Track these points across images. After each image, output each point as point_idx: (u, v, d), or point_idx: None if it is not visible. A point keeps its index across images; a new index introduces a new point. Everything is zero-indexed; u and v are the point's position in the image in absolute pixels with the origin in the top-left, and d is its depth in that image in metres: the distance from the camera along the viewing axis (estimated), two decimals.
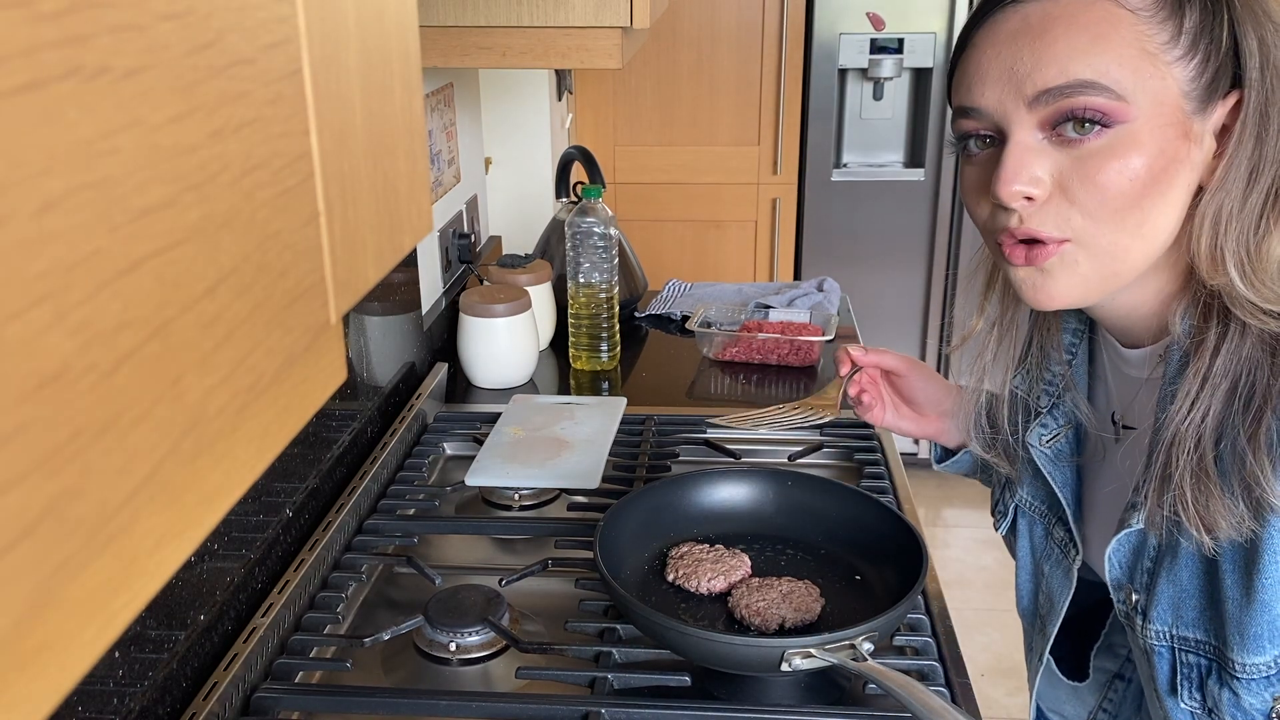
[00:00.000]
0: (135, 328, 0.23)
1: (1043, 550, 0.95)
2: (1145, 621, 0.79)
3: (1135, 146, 0.69)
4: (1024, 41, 0.71)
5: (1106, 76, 0.69)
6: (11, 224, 0.18)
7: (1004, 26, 0.72)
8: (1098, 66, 0.69)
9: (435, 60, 1.19)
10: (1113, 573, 0.82)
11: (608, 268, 1.59)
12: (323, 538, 1.09)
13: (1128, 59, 0.69)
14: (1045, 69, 0.70)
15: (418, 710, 0.90)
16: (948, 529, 3.00)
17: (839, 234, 3.03)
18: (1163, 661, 0.79)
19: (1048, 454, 0.91)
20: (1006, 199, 0.72)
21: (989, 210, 0.77)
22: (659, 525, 1.08)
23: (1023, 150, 0.72)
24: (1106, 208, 0.71)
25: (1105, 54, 0.69)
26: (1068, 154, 0.71)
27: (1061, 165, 0.71)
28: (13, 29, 0.18)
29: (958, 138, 0.79)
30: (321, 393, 0.36)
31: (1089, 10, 0.70)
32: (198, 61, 0.25)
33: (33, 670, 0.20)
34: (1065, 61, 0.69)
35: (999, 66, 0.72)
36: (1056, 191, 0.72)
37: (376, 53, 0.37)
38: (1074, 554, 0.90)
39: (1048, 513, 0.94)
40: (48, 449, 0.20)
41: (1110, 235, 0.72)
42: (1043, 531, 0.95)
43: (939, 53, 2.84)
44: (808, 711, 0.89)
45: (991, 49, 0.73)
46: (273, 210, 0.29)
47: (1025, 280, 0.76)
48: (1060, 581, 0.92)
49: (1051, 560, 0.94)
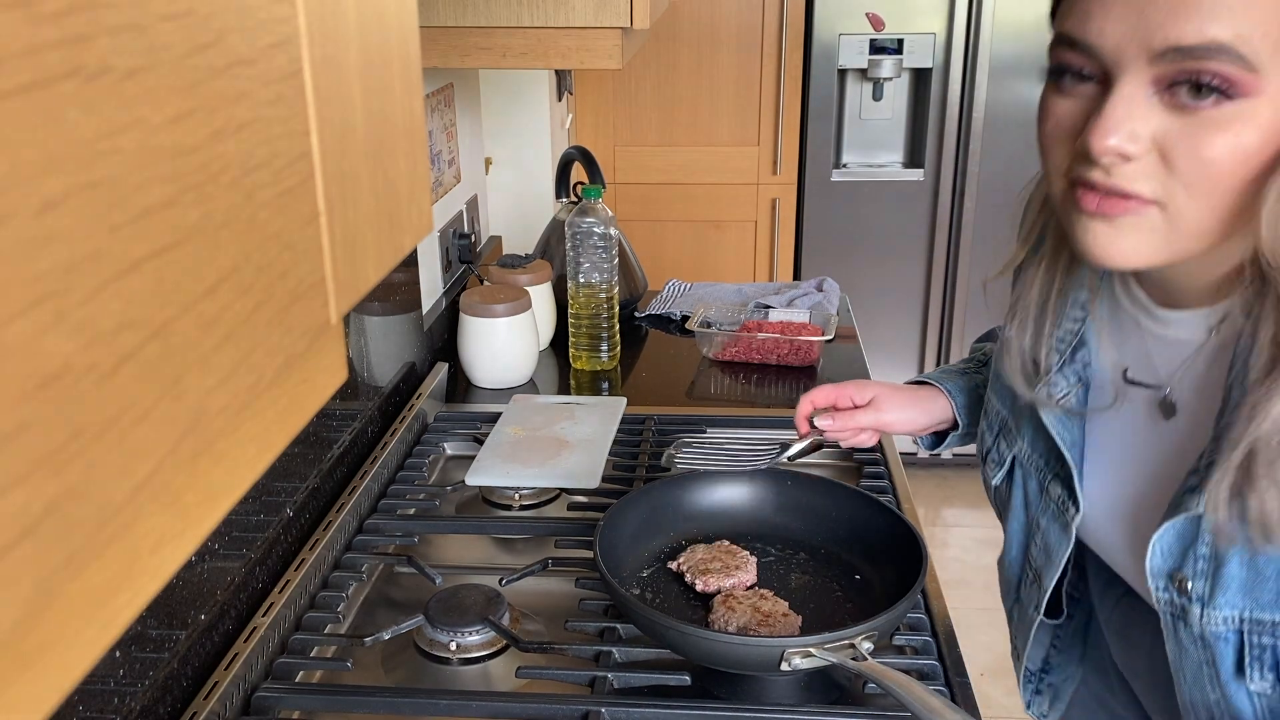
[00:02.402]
0: (135, 328, 0.23)
1: (1038, 504, 0.93)
2: (1207, 609, 0.75)
3: (1253, 124, 0.63)
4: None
5: (1247, 44, 0.61)
6: (11, 224, 0.19)
7: None
8: (1241, 30, 0.61)
9: (435, 60, 1.19)
10: (1155, 561, 0.77)
11: (608, 268, 1.59)
12: (323, 537, 1.09)
13: (1273, 27, 0.61)
14: (1182, 22, 0.62)
15: (418, 710, 0.90)
16: (948, 529, 3.00)
17: (839, 234, 3.03)
18: (1228, 647, 0.75)
19: (1057, 413, 0.86)
20: (1099, 152, 0.66)
21: (1066, 153, 0.70)
22: (659, 525, 1.08)
23: (1130, 104, 0.65)
24: (1207, 184, 0.65)
25: (1250, 18, 0.61)
26: (1177, 118, 0.65)
27: (1168, 128, 0.65)
28: (13, 29, 0.18)
29: (1052, 66, 0.71)
30: (322, 393, 0.36)
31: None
32: (198, 62, 0.25)
33: (33, 670, 0.20)
34: (1206, 18, 0.61)
35: (1127, 4, 0.64)
36: (1154, 154, 0.66)
37: (376, 53, 0.37)
38: (1073, 513, 0.87)
39: (1044, 467, 0.91)
40: (48, 449, 0.20)
41: (1201, 214, 0.66)
42: (1037, 485, 0.92)
43: (938, 53, 2.84)
44: (808, 711, 0.89)
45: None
46: (273, 210, 0.29)
47: (1089, 230, 0.70)
48: (1058, 537, 0.90)
49: (1048, 515, 0.91)
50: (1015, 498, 0.96)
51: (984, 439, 0.99)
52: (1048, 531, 0.92)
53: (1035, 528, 0.94)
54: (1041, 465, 0.92)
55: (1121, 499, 0.85)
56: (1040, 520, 0.93)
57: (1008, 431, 0.95)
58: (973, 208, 2.95)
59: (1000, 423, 0.96)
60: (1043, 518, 0.93)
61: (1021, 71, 2.83)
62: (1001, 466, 0.96)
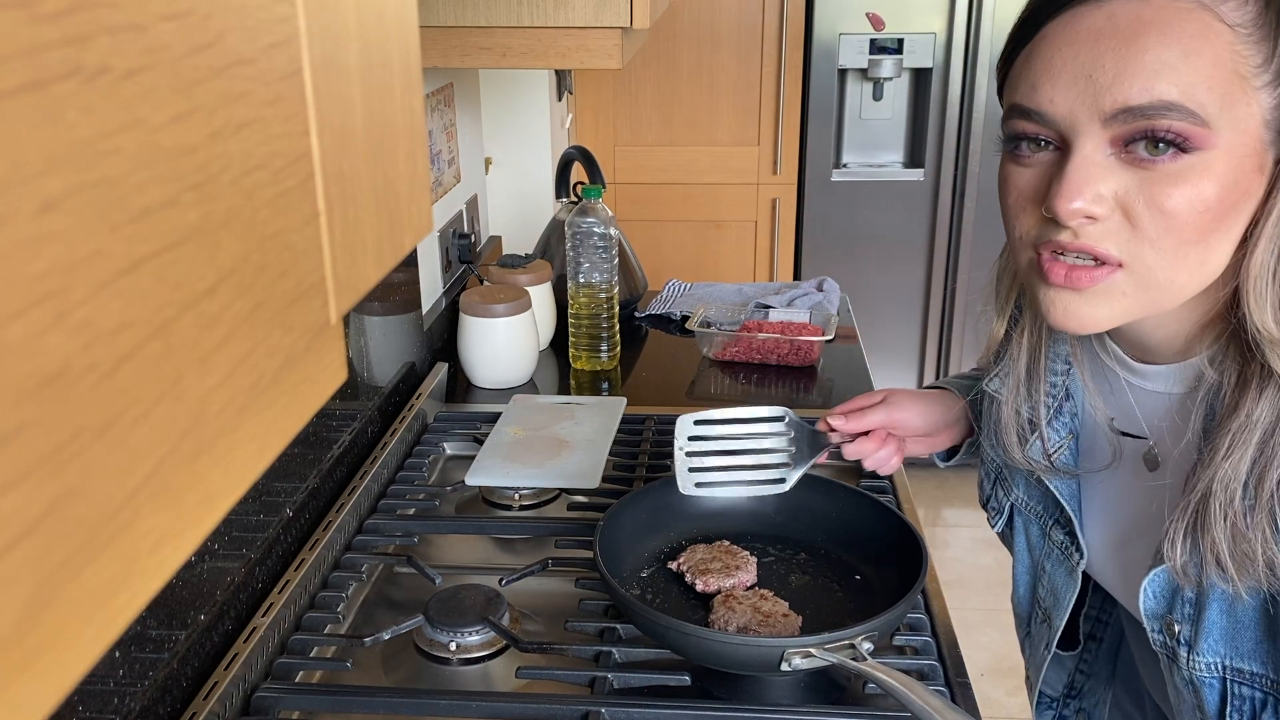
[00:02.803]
0: (135, 328, 0.23)
1: (1041, 549, 0.94)
2: (1192, 654, 0.76)
3: (1210, 175, 0.64)
4: (1107, 45, 0.64)
5: (1193, 100, 0.62)
6: (11, 224, 0.19)
7: (1085, 22, 0.65)
8: (1186, 87, 0.62)
9: (435, 60, 1.19)
10: (1148, 604, 0.79)
11: (608, 268, 1.59)
12: (323, 537, 1.09)
13: (1218, 81, 0.62)
14: (1129, 83, 0.63)
15: (418, 710, 0.90)
16: (948, 529, 3.00)
17: (839, 234, 3.03)
18: (1212, 693, 0.76)
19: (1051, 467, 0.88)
20: (1065, 216, 0.67)
21: (1034, 221, 0.71)
22: (659, 525, 1.08)
23: (1089, 165, 0.66)
24: (1171, 238, 0.66)
25: (1195, 72, 0.62)
26: (1136, 174, 0.66)
27: (1128, 186, 0.66)
28: (13, 29, 0.18)
29: (1007, 137, 0.72)
30: (322, 393, 0.36)
31: (1185, 20, 0.62)
32: (198, 62, 0.25)
33: (33, 670, 0.20)
34: (1152, 77, 0.63)
35: (1074, 69, 0.65)
36: (1118, 213, 0.67)
37: (376, 53, 0.37)
38: (1077, 558, 0.89)
39: (1044, 514, 0.93)
40: (48, 449, 0.20)
41: (1168, 269, 0.67)
42: (1039, 532, 0.94)
43: (939, 53, 2.84)
44: (808, 711, 0.89)
45: (1069, 47, 0.66)
46: (273, 210, 0.29)
47: (1056, 301, 0.70)
48: (1064, 580, 0.91)
49: (1052, 560, 0.93)
50: (1018, 543, 0.97)
51: (983, 487, 1.01)
52: (1053, 575, 0.93)
53: (1041, 570, 0.95)
54: (1040, 512, 0.93)
55: (1115, 545, 0.86)
56: (1045, 564, 0.94)
57: (1004, 480, 0.96)
58: (973, 208, 2.95)
59: (996, 471, 0.97)
60: (1047, 561, 0.94)
61: None
62: (1001, 514, 0.97)
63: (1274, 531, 0.68)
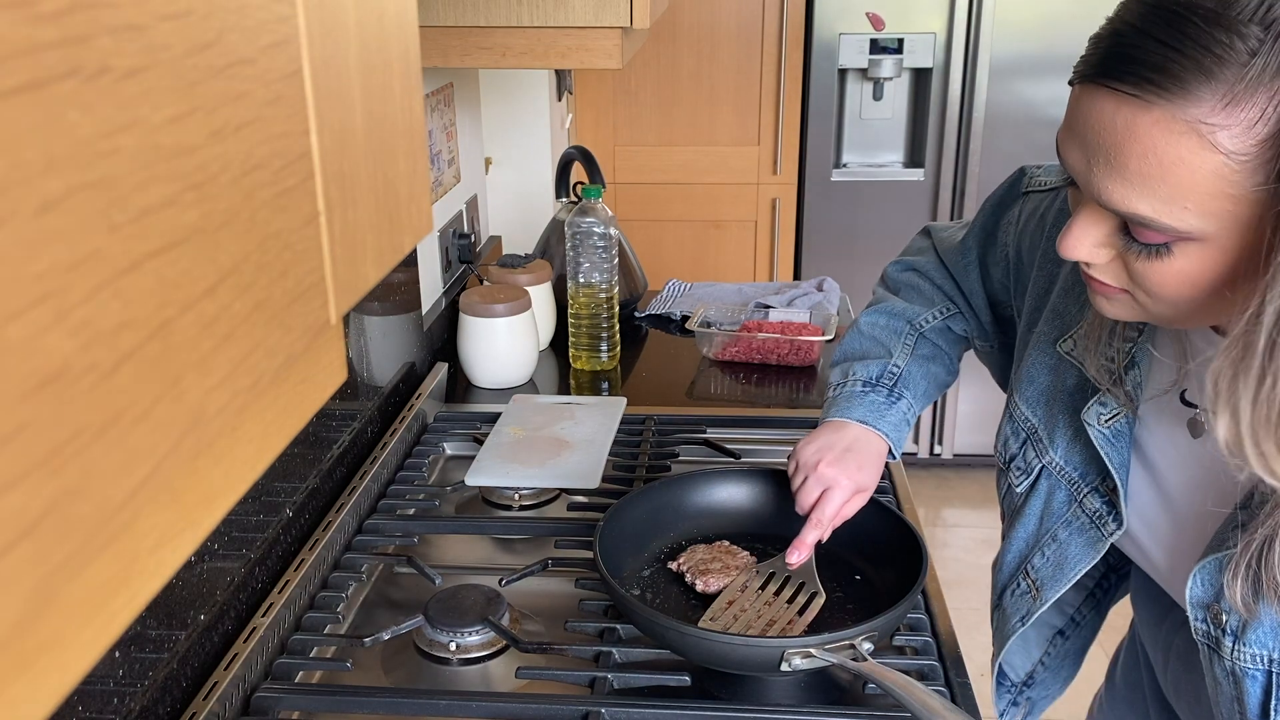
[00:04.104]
0: (135, 328, 0.23)
1: (1062, 515, 0.92)
2: (1238, 644, 0.76)
3: (1198, 259, 0.65)
4: (1106, 139, 0.65)
5: (1169, 216, 0.63)
6: (11, 224, 0.19)
7: (1097, 104, 0.66)
8: (1162, 208, 0.63)
9: (435, 60, 1.19)
10: (1195, 591, 0.78)
11: (608, 268, 1.59)
12: (323, 538, 1.09)
13: (1204, 203, 0.62)
14: (1111, 186, 0.66)
15: (418, 710, 0.90)
16: (948, 529, 3.00)
17: (839, 234, 3.03)
18: (1255, 685, 0.76)
19: (1105, 433, 0.86)
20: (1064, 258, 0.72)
21: None
22: (659, 525, 1.08)
23: (1089, 223, 0.70)
24: (1165, 295, 0.68)
25: (1174, 201, 0.63)
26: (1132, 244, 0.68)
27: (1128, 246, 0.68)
28: (13, 29, 0.18)
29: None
30: (321, 393, 0.36)
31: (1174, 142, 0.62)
32: (198, 61, 0.25)
33: (33, 670, 0.20)
34: (1129, 190, 0.64)
35: (1083, 140, 0.67)
36: (1118, 261, 0.70)
37: (376, 53, 0.37)
38: (1114, 529, 0.87)
39: (1078, 480, 0.91)
40: (48, 449, 0.20)
41: (1171, 313, 0.70)
42: (1065, 497, 0.92)
43: (939, 53, 2.85)
44: (808, 711, 0.89)
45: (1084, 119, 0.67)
46: (273, 210, 0.29)
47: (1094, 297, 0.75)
48: (1079, 551, 0.90)
49: (1072, 528, 0.91)
50: (1032, 505, 0.95)
51: (1008, 445, 0.98)
52: (1066, 545, 0.91)
53: (1050, 540, 0.93)
54: (1076, 478, 0.91)
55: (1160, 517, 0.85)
56: (1059, 533, 0.92)
57: (1037, 440, 0.94)
58: (973, 208, 2.95)
59: (1028, 431, 0.95)
60: (1063, 530, 0.92)
61: (1022, 71, 2.83)
62: (1028, 475, 0.95)
63: None
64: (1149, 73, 0.61)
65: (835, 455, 0.98)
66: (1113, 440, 0.87)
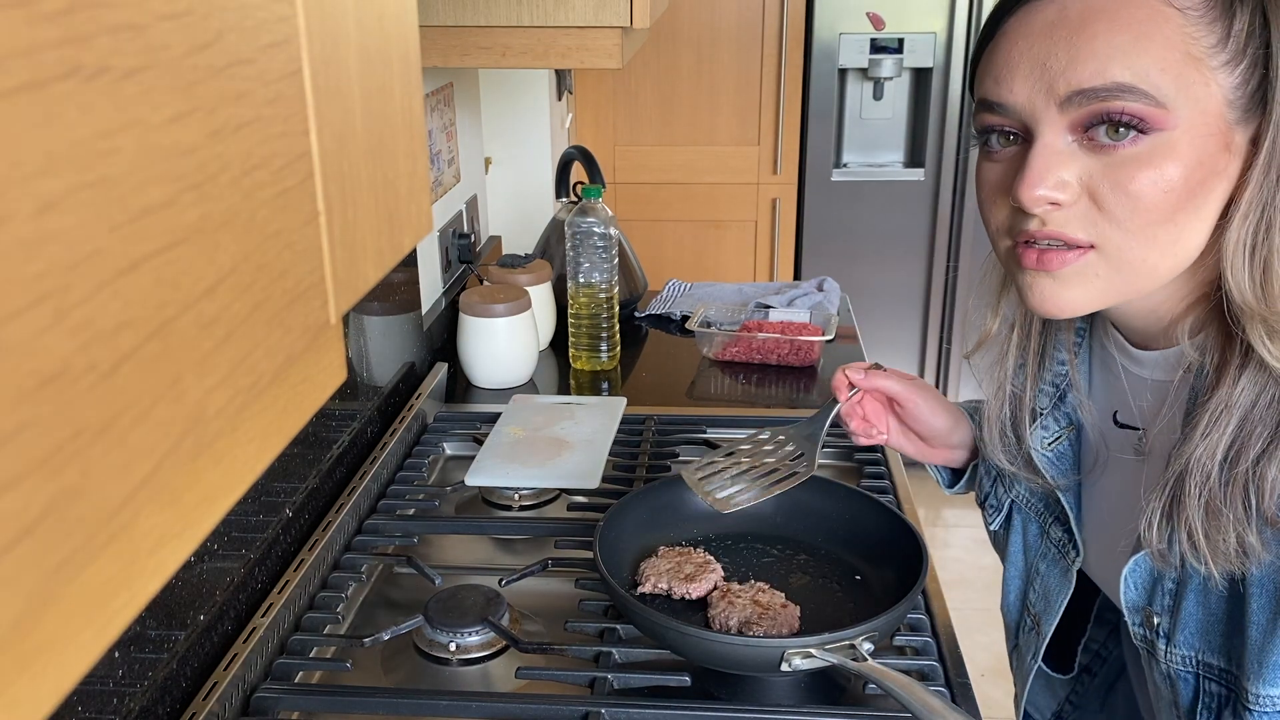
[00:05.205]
0: (135, 328, 0.23)
1: (1038, 549, 0.94)
2: (1170, 646, 0.76)
3: (1173, 156, 0.65)
4: (1060, 35, 0.66)
5: (1146, 81, 0.64)
6: (11, 224, 0.18)
7: (1039, 16, 0.67)
8: (1138, 69, 0.64)
9: (435, 60, 1.19)
10: (1129, 595, 0.79)
11: (608, 268, 1.59)
12: (323, 538, 1.09)
13: (1171, 63, 0.64)
14: (1081, 68, 0.65)
15: (418, 710, 0.90)
16: (948, 529, 3.00)
17: (839, 234, 3.03)
18: (1187, 688, 0.76)
19: (1049, 456, 0.88)
20: (1029, 203, 0.68)
21: (1006, 212, 0.73)
22: (659, 525, 1.08)
23: (1050, 153, 0.68)
24: (1138, 219, 0.67)
25: (1147, 55, 0.64)
26: (1099, 159, 0.67)
27: (1092, 171, 0.67)
28: (13, 29, 0.18)
29: (978, 131, 0.74)
30: (321, 393, 0.36)
31: (1133, 6, 0.64)
32: (197, 61, 0.25)
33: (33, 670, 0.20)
34: (1104, 61, 0.65)
35: (1030, 60, 0.67)
36: (1084, 197, 0.68)
37: (376, 53, 0.37)
38: (1073, 556, 0.89)
39: (1044, 511, 0.92)
40: (48, 449, 0.20)
41: (1139, 250, 0.68)
42: (1038, 530, 0.93)
43: (939, 53, 2.85)
44: (808, 711, 0.89)
45: (1024, 40, 0.68)
46: (272, 210, 0.29)
47: (1033, 286, 0.72)
48: (1058, 582, 0.91)
49: (1048, 560, 0.92)
50: (1014, 543, 0.96)
51: (982, 484, 0.99)
52: (1047, 577, 0.92)
53: (1035, 573, 0.94)
54: (1041, 510, 0.92)
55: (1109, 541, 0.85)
56: (1039, 565, 0.93)
57: (1003, 477, 0.95)
58: (973, 207, 2.95)
59: (996, 468, 0.96)
60: (1042, 563, 0.93)
61: None
62: (1000, 511, 0.96)
63: (1246, 510, 0.68)
64: None
65: None
66: (1055, 462, 0.88)
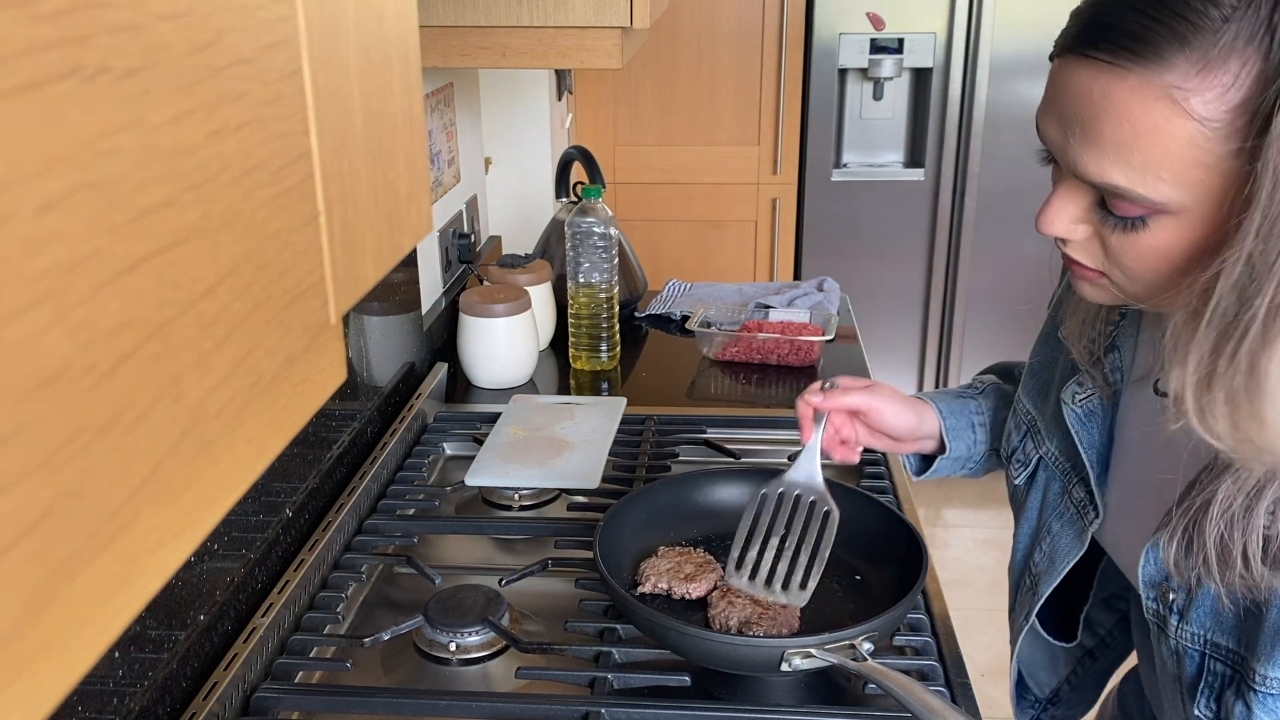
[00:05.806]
0: (135, 328, 0.23)
1: (1055, 508, 0.93)
2: (1182, 622, 0.77)
3: (1175, 232, 0.65)
4: (1082, 109, 0.66)
5: (1144, 185, 0.64)
6: (11, 224, 0.19)
7: (1074, 75, 0.66)
8: (1135, 175, 0.64)
9: (435, 60, 1.19)
10: (1148, 570, 0.79)
11: (608, 268, 1.59)
12: (323, 538, 1.09)
13: (1177, 170, 0.62)
14: (1086, 156, 0.66)
15: (418, 710, 0.90)
16: (948, 529, 3.00)
17: (839, 234, 3.03)
18: (1191, 664, 0.77)
19: (1078, 412, 0.87)
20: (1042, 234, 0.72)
21: None
22: (659, 525, 1.08)
23: (1066, 198, 0.70)
24: (1140, 271, 0.69)
25: (1149, 170, 0.63)
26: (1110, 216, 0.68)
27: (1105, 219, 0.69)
28: (13, 29, 0.18)
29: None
30: (321, 393, 0.36)
31: (1148, 108, 0.62)
32: (197, 61, 0.25)
33: (33, 670, 0.20)
34: (1103, 159, 0.65)
35: (1060, 112, 0.68)
36: (1095, 239, 0.71)
37: (376, 53, 0.37)
38: (1093, 517, 0.88)
39: (1070, 470, 0.91)
40: (48, 449, 0.20)
41: (1145, 291, 0.70)
42: (1060, 489, 0.92)
43: (939, 53, 2.85)
44: (808, 711, 0.89)
45: (1062, 90, 0.68)
46: (272, 210, 0.29)
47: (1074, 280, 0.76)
48: (1069, 542, 0.90)
49: (1064, 519, 0.91)
50: (1032, 499, 0.96)
51: (1010, 438, 0.99)
52: (1058, 536, 0.92)
53: (1045, 532, 0.93)
54: (1067, 468, 0.92)
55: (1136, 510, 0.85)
56: (1052, 525, 0.93)
57: (1035, 432, 0.95)
58: (973, 207, 2.95)
59: (1029, 423, 0.96)
60: (1056, 522, 0.92)
61: (1022, 71, 2.83)
62: (1026, 466, 0.96)
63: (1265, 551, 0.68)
64: (1125, 40, 0.62)
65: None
66: (1084, 420, 0.87)
